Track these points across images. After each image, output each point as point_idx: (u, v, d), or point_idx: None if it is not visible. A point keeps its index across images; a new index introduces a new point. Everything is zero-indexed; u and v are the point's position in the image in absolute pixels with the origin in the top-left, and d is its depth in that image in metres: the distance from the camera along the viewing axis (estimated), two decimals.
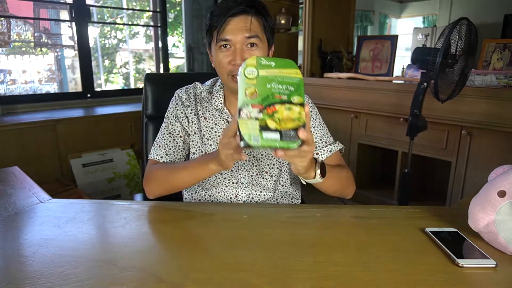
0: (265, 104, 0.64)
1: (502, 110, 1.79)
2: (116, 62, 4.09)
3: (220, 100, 1.02)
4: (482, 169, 1.95)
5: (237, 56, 0.90)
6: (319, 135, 1.03)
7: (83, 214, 0.86)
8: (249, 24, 0.90)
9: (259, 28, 0.92)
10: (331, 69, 2.83)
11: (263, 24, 0.93)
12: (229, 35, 0.89)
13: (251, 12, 0.90)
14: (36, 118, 2.20)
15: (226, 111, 1.01)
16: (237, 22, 0.89)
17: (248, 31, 0.89)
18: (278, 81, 0.66)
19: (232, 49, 0.91)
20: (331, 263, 0.66)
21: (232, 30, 0.89)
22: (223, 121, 1.01)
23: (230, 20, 0.89)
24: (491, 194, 0.71)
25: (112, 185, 2.40)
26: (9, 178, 1.11)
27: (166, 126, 1.04)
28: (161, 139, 1.03)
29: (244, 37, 0.89)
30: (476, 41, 1.59)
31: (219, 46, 0.91)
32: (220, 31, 0.90)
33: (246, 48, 0.91)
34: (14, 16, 2.57)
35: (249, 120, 0.63)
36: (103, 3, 3.58)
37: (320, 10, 2.81)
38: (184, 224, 0.82)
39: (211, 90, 1.06)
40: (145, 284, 0.59)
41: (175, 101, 1.05)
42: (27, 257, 0.67)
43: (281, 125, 0.63)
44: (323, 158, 1.01)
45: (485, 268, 0.65)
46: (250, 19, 0.90)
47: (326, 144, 1.02)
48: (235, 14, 0.89)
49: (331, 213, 0.88)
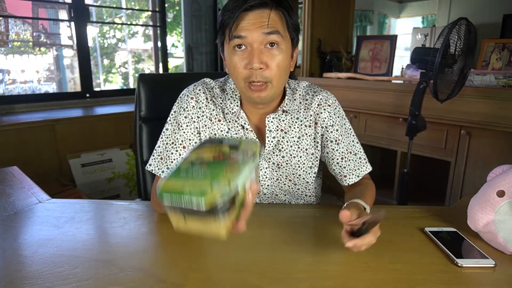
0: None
1: (501, 110, 1.80)
2: (115, 62, 4.08)
3: (237, 102, 0.89)
4: (481, 169, 1.95)
5: (254, 58, 0.76)
6: (345, 144, 0.95)
7: (82, 214, 0.86)
8: (267, 18, 0.76)
9: (280, 23, 0.78)
10: (330, 69, 2.83)
11: (285, 20, 0.79)
12: (243, 32, 0.76)
13: (270, 5, 0.77)
14: (35, 118, 2.19)
15: (242, 115, 0.89)
16: (254, 17, 0.76)
17: (266, 27, 0.76)
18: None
19: (248, 49, 0.78)
20: (331, 263, 0.66)
21: (247, 26, 0.76)
22: (239, 126, 0.91)
23: (245, 15, 0.76)
24: (490, 194, 0.71)
25: (111, 185, 2.40)
26: (8, 178, 1.11)
27: (169, 134, 0.92)
28: (163, 149, 0.92)
29: (262, 34, 0.76)
30: (475, 41, 1.59)
31: (233, 47, 0.79)
32: (233, 28, 0.76)
33: (265, 49, 0.78)
34: (12, 16, 2.57)
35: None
36: (102, 3, 3.58)
37: (320, 10, 2.81)
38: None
39: (224, 87, 0.94)
40: (145, 284, 0.59)
41: (181, 104, 0.92)
42: (26, 257, 0.67)
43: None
44: (350, 183, 0.95)
45: (484, 267, 0.65)
46: (268, 12, 0.76)
47: (351, 154, 0.95)
48: (251, 8, 0.76)
49: (331, 213, 0.88)
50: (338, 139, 0.94)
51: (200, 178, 0.50)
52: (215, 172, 0.51)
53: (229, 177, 0.51)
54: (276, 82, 0.81)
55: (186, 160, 0.56)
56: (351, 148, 0.96)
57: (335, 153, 0.94)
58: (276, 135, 0.92)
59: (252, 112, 0.92)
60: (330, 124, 0.94)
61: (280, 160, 0.93)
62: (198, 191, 0.48)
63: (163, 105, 1.09)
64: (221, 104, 0.92)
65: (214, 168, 0.53)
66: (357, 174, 0.96)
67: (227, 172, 0.52)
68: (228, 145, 0.59)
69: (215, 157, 0.56)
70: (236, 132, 0.91)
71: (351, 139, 0.97)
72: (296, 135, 0.93)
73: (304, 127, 0.93)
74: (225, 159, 0.55)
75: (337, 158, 0.95)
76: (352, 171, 0.95)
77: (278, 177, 0.95)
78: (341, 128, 0.95)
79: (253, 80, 0.79)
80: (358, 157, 0.97)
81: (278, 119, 0.91)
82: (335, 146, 0.94)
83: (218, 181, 0.49)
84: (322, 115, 0.94)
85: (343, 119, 0.97)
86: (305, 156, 0.94)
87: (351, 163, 0.95)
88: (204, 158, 0.56)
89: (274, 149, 0.92)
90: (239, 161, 0.55)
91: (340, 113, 0.97)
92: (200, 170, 0.52)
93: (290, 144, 0.93)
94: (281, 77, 0.82)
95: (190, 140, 0.91)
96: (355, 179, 0.95)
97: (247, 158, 0.55)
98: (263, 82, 0.80)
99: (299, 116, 0.93)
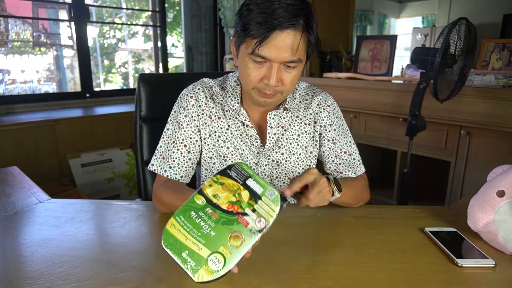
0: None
1: (501, 110, 1.80)
2: (115, 62, 4.08)
3: (237, 99, 0.91)
4: (481, 169, 1.95)
5: (273, 76, 0.77)
6: (341, 144, 0.97)
7: (82, 214, 0.86)
8: (297, 44, 0.75)
9: (304, 48, 0.79)
10: (330, 69, 2.83)
11: (308, 41, 0.79)
12: (268, 54, 0.75)
13: (300, 27, 0.75)
14: (35, 118, 2.19)
15: (243, 112, 0.91)
16: (282, 39, 0.74)
17: (292, 55, 0.76)
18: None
19: (267, 65, 0.78)
20: (331, 263, 0.66)
21: (275, 49, 0.75)
22: (239, 122, 0.92)
23: (275, 35, 0.74)
24: (490, 194, 0.71)
25: (111, 185, 2.40)
26: (8, 178, 1.11)
27: (170, 134, 0.93)
28: (165, 149, 0.93)
29: (286, 60, 0.77)
30: (475, 41, 1.59)
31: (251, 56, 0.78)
32: (260, 46, 0.75)
33: (283, 67, 0.79)
34: (12, 16, 2.57)
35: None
36: (102, 3, 3.58)
37: (320, 10, 2.78)
38: None
39: (224, 85, 0.95)
40: (145, 284, 0.59)
41: (181, 103, 0.94)
42: (26, 257, 0.67)
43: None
44: (345, 176, 0.96)
45: (484, 267, 0.65)
46: (298, 38, 0.75)
47: (346, 154, 0.97)
48: (283, 29, 0.73)
49: (331, 213, 0.88)
50: (335, 138, 0.97)
51: (203, 239, 0.55)
52: (217, 239, 0.55)
53: (227, 254, 0.54)
54: (286, 94, 0.86)
55: (205, 187, 0.58)
56: (347, 148, 0.98)
57: (330, 152, 0.97)
58: (277, 132, 0.94)
59: (252, 109, 0.94)
60: (329, 123, 0.96)
61: (279, 157, 0.94)
62: (193, 261, 0.54)
63: (163, 105, 1.10)
64: (221, 101, 0.94)
65: (220, 230, 0.55)
66: (354, 171, 0.97)
67: (229, 240, 0.55)
68: (250, 191, 0.58)
69: (229, 207, 0.57)
70: (237, 129, 0.93)
71: (348, 139, 0.99)
72: (295, 133, 0.95)
73: (303, 125, 0.96)
74: (236, 218, 0.56)
75: (332, 156, 0.97)
76: (348, 168, 0.97)
77: (278, 175, 0.96)
78: (338, 129, 0.98)
79: (265, 92, 0.82)
80: (353, 158, 0.98)
81: (279, 116, 0.94)
82: (332, 145, 0.97)
83: (216, 257, 0.54)
84: (321, 115, 0.96)
85: (341, 120, 1.00)
86: (304, 153, 0.96)
87: (346, 162, 0.97)
88: (220, 203, 0.57)
89: (274, 146, 0.94)
90: (247, 232, 0.56)
91: (338, 114, 1.00)
92: (207, 224, 0.56)
93: (290, 142, 0.95)
94: (291, 89, 0.85)
95: (191, 138, 0.93)
96: (351, 175, 0.97)
97: (256, 229, 0.56)
98: (273, 93, 0.83)
99: (299, 115, 0.96)
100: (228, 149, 0.93)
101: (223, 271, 0.53)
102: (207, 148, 0.94)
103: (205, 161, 0.95)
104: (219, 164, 0.94)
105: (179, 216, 0.57)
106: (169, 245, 0.55)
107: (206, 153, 0.94)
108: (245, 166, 0.60)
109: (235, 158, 0.93)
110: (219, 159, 0.94)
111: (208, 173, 0.97)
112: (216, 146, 0.93)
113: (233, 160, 0.93)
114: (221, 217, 0.56)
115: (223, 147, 0.93)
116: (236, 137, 0.93)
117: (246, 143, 0.93)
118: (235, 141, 0.93)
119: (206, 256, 0.54)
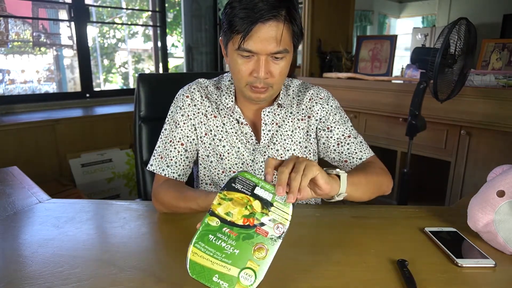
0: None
1: (501, 110, 1.80)
2: (115, 62, 4.09)
3: (231, 98, 0.93)
4: (481, 169, 1.95)
5: (261, 68, 0.79)
6: (341, 129, 0.95)
7: (82, 214, 0.86)
8: (280, 35, 0.77)
9: (289, 38, 0.80)
10: (330, 69, 2.83)
11: (292, 31, 0.80)
12: (254, 47, 0.77)
13: (282, 18, 0.77)
14: (35, 118, 2.19)
15: (237, 110, 0.93)
16: (265, 31, 0.76)
17: (277, 45, 0.77)
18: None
19: (254, 58, 0.80)
20: (331, 263, 0.66)
21: (258, 41, 0.77)
22: (234, 120, 0.94)
23: (257, 28, 0.76)
24: (490, 194, 0.71)
25: (111, 185, 2.40)
26: (8, 178, 1.11)
27: (167, 133, 0.95)
28: (163, 148, 0.94)
29: (272, 51, 0.78)
30: (475, 41, 1.59)
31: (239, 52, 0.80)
32: (245, 40, 0.77)
33: (270, 59, 0.80)
34: (12, 16, 2.57)
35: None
36: (102, 3, 3.58)
37: (320, 10, 2.81)
38: (184, 224, 0.82)
39: (219, 85, 0.97)
40: (145, 284, 0.59)
41: (177, 103, 0.96)
42: (26, 257, 0.67)
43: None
44: (353, 167, 0.93)
45: (484, 267, 0.65)
46: (281, 28, 0.77)
47: (351, 137, 0.94)
48: (264, 21, 0.75)
49: (331, 213, 0.88)
50: (332, 126, 0.96)
51: (229, 260, 0.54)
52: (242, 255, 0.55)
53: (255, 267, 0.54)
54: (276, 87, 0.86)
55: (215, 207, 0.57)
56: (349, 133, 0.96)
57: (330, 140, 0.96)
58: (271, 129, 0.95)
59: (246, 107, 0.95)
60: (323, 115, 0.97)
61: (275, 153, 0.95)
62: (226, 283, 0.53)
63: (163, 105, 1.09)
64: (216, 100, 0.96)
65: (242, 246, 0.55)
66: (359, 156, 0.94)
67: (254, 253, 0.55)
68: (261, 200, 0.58)
69: (245, 221, 0.57)
70: (232, 127, 0.94)
71: (347, 125, 0.97)
72: (289, 129, 0.96)
73: (297, 121, 0.97)
74: (255, 231, 0.56)
75: (333, 145, 0.96)
76: (352, 154, 0.95)
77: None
78: (334, 117, 0.96)
79: (256, 86, 0.82)
80: (359, 141, 0.96)
81: (274, 113, 0.95)
82: (329, 134, 0.96)
83: (246, 273, 0.54)
84: (314, 108, 0.97)
85: (337, 109, 0.98)
86: (299, 149, 0.97)
87: (351, 146, 0.95)
88: (234, 219, 0.57)
89: (269, 143, 0.95)
90: (269, 241, 0.56)
91: (333, 104, 0.98)
92: (228, 243, 0.55)
93: (284, 138, 0.96)
94: (282, 82, 0.87)
95: (187, 137, 0.95)
96: (356, 161, 0.94)
97: (276, 235, 0.56)
98: (265, 87, 0.84)
99: (292, 111, 0.97)
100: (224, 147, 0.94)
101: (256, 284, 0.54)
102: (204, 147, 0.96)
103: (202, 160, 0.97)
104: (216, 162, 0.95)
105: (198, 243, 0.55)
106: (197, 273, 0.54)
107: (203, 151, 0.96)
108: (248, 175, 0.59)
109: (231, 156, 0.94)
110: (216, 157, 0.95)
111: (206, 172, 0.98)
112: (212, 145, 0.95)
113: (229, 158, 0.94)
114: (240, 234, 0.56)
115: (219, 145, 0.94)
116: (232, 135, 0.94)
117: (241, 141, 0.94)
118: (230, 139, 0.94)
119: (237, 275, 0.54)
